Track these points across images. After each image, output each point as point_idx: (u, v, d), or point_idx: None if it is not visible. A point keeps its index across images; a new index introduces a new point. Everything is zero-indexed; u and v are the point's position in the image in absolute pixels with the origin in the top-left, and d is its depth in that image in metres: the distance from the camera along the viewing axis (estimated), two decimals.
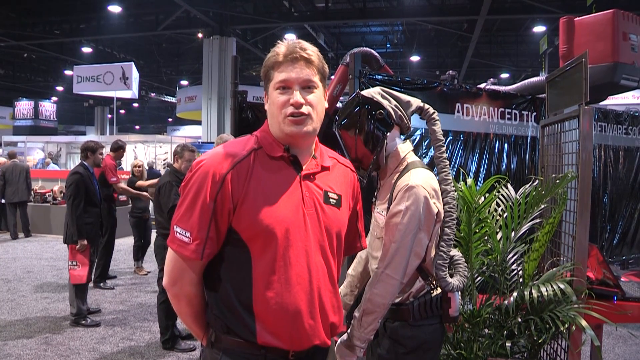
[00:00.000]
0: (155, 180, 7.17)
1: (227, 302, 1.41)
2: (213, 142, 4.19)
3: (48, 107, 23.04)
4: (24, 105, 22.38)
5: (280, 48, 1.43)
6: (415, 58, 19.28)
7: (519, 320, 2.56)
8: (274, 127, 1.46)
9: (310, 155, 1.51)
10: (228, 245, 1.41)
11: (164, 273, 1.46)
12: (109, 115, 27.34)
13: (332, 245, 1.49)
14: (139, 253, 7.28)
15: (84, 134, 28.81)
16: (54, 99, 25.83)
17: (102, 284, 6.42)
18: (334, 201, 1.50)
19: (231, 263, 1.41)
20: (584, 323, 2.36)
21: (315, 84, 1.43)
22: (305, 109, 1.40)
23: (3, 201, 10.48)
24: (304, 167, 1.47)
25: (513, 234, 2.72)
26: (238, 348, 1.40)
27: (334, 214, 1.49)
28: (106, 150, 7.04)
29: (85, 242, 4.88)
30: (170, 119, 35.87)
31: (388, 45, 19.99)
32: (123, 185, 6.66)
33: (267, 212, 1.37)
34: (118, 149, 6.85)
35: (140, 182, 6.94)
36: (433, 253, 1.93)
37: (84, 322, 4.91)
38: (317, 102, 1.43)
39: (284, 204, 1.40)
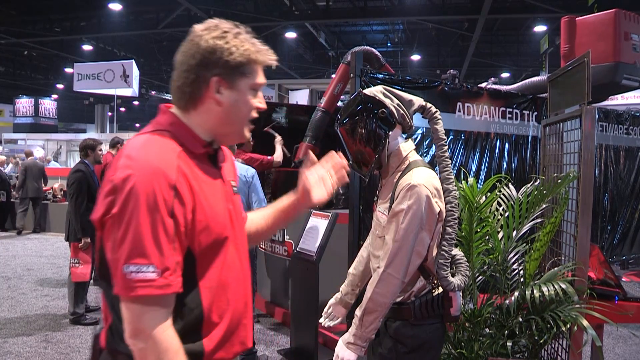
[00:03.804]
0: None
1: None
2: None
3: (48, 104, 23.03)
4: (24, 103, 22.38)
5: (260, 45, 1.30)
6: (416, 57, 19.27)
7: (520, 319, 2.56)
8: (227, 126, 1.30)
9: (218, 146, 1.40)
10: None
11: (142, 341, 1.13)
12: (109, 113, 27.30)
13: (245, 235, 1.45)
14: None
15: (84, 131, 28.80)
16: (54, 96, 25.81)
17: None
18: (235, 189, 1.43)
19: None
20: (585, 323, 2.35)
21: None
22: None
23: (3, 198, 10.56)
24: (219, 161, 1.37)
25: (514, 233, 2.72)
26: None
27: (239, 203, 1.43)
28: (105, 147, 7.10)
29: (89, 239, 4.89)
30: None
31: (389, 44, 19.98)
32: None
33: (213, 218, 1.24)
34: (116, 144, 6.95)
35: None
36: (435, 252, 1.92)
37: (83, 320, 4.92)
38: None
39: (220, 206, 1.29)
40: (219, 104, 1.26)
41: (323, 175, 1.57)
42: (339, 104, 5.69)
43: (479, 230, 2.62)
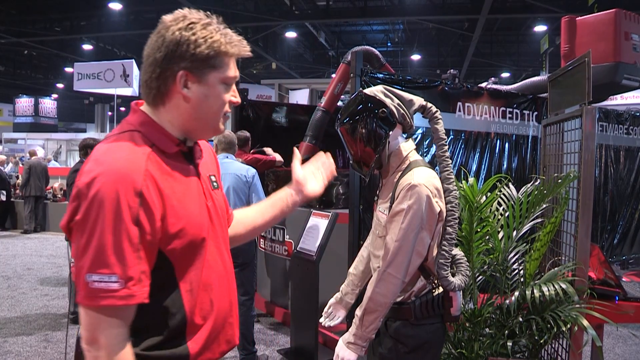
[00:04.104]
0: None
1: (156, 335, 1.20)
2: (212, 140, 4.16)
3: (48, 104, 23.07)
4: (24, 103, 22.40)
5: (233, 36, 1.23)
6: (416, 57, 19.28)
7: (520, 319, 2.56)
8: (198, 122, 1.24)
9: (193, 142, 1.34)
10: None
11: (97, 350, 1.10)
12: (109, 113, 27.34)
13: (227, 232, 1.40)
14: None
15: (84, 131, 28.81)
16: (55, 96, 25.83)
17: None
18: (216, 184, 1.38)
19: (153, 292, 1.14)
20: (585, 323, 2.35)
21: None
22: None
23: (3, 198, 10.59)
24: (194, 157, 1.31)
25: (514, 233, 2.72)
26: None
27: (220, 198, 1.38)
28: None
29: None
30: None
31: (389, 44, 20.00)
32: None
33: (188, 221, 1.19)
34: None
35: None
36: (435, 252, 1.92)
37: None
38: None
39: (196, 206, 1.24)
40: (187, 100, 1.20)
41: (313, 171, 1.62)
42: (339, 103, 5.70)
43: (479, 230, 2.62)
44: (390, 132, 1.95)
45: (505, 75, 20.23)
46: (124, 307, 1.08)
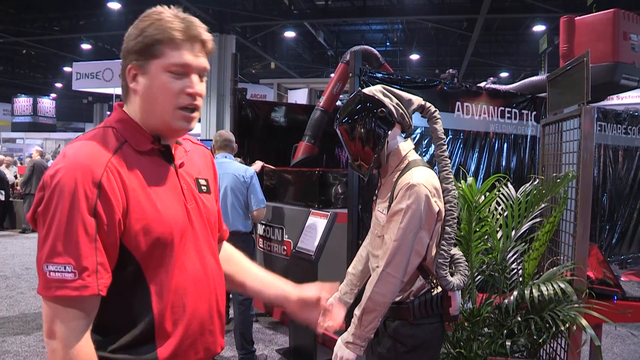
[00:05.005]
0: None
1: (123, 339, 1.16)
2: (211, 139, 4.18)
3: (47, 103, 23.05)
4: (22, 102, 22.38)
5: (174, 22, 1.18)
6: (415, 56, 19.27)
7: (519, 319, 2.56)
8: (152, 116, 1.21)
9: (175, 141, 1.31)
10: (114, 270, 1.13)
11: (54, 342, 1.08)
12: (108, 112, 27.35)
13: (215, 237, 1.37)
14: None
15: (82, 130, 28.76)
16: (53, 95, 25.79)
17: None
18: (205, 188, 1.35)
19: (121, 291, 1.14)
20: (584, 322, 2.35)
21: (207, 72, 1.26)
22: (199, 101, 1.23)
23: (2, 198, 10.58)
24: (175, 157, 1.28)
25: (513, 232, 2.72)
26: None
27: (209, 202, 1.35)
28: None
29: None
30: None
31: (388, 44, 19.99)
32: None
33: (156, 219, 1.16)
34: None
35: None
36: (434, 252, 1.92)
37: None
38: (204, 93, 1.27)
39: (169, 205, 1.20)
40: (135, 93, 1.21)
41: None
42: (338, 103, 5.70)
43: (478, 229, 2.62)
44: (389, 132, 1.95)
45: (504, 75, 20.23)
46: (79, 298, 1.06)
